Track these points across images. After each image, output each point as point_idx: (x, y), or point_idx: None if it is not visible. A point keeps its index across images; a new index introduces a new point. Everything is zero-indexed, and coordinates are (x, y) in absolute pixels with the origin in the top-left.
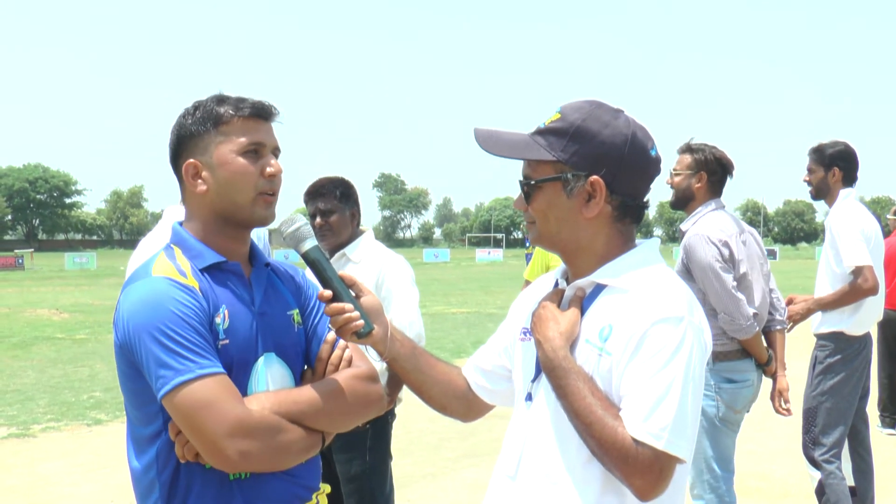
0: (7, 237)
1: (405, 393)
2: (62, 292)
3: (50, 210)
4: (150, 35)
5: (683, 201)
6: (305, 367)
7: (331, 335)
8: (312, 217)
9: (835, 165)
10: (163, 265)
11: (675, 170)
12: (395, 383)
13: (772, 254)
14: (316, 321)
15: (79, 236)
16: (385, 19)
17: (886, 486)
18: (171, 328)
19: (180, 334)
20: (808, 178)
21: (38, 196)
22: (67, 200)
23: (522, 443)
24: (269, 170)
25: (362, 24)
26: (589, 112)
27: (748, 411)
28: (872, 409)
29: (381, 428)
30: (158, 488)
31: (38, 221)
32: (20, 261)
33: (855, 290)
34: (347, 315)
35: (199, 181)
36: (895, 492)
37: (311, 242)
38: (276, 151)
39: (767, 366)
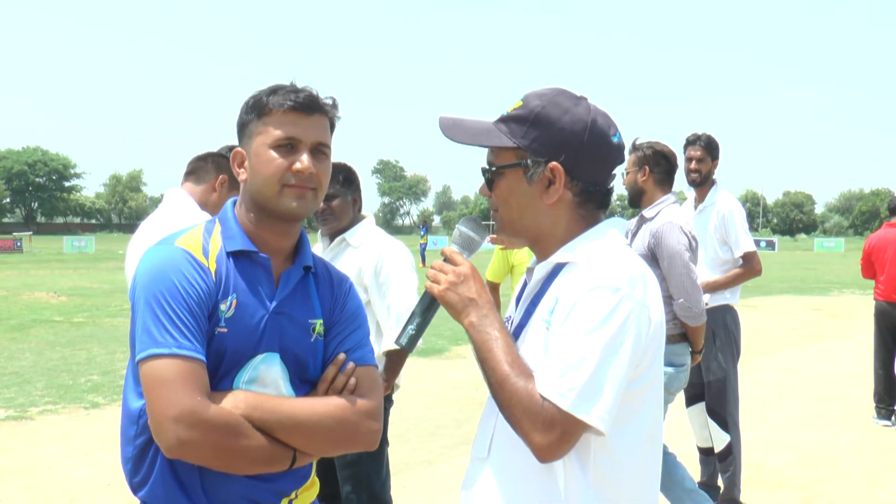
0: (6, 220)
1: (402, 380)
2: (60, 275)
3: (49, 193)
4: (149, 18)
5: (636, 197)
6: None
7: (340, 356)
8: None
9: (717, 157)
10: (190, 238)
11: (626, 170)
12: (392, 369)
13: (770, 245)
14: (337, 341)
15: (77, 220)
16: (384, 3)
17: (882, 476)
18: (166, 299)
19: (172, 308)
20: (697, 167)
21: (36, 179)
22: (66, 184)
23: (494, 423)
24: (297, 166)
25: (361, 8)
26: (550, 99)
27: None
28: (868, 401)
29: None
30: (132, 449)
31: (36, 204)
32: (19, 244)
33: (750, 272)
34: None
35: (242, 170)
36: (892, 482)
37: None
38: (319, 147)
39: (698, 353)
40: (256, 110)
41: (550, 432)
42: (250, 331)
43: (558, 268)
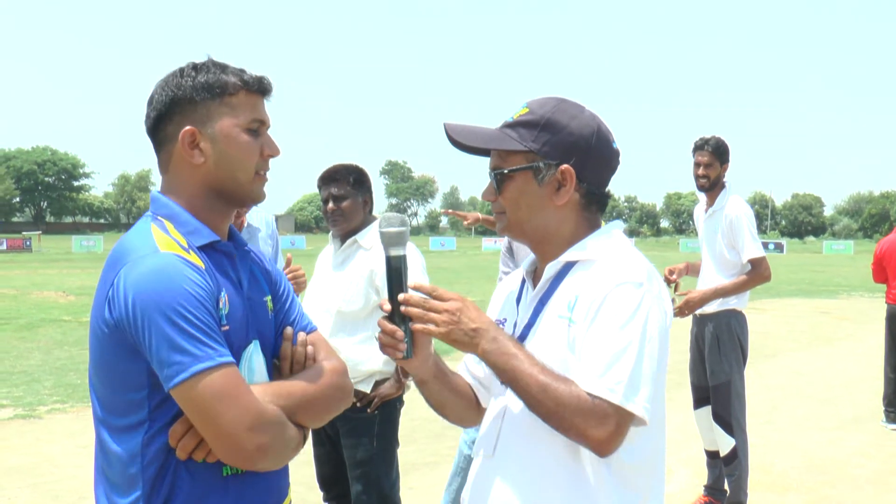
0: (15, 219)
1: (412, 380)
2: (69, 275)
3: (58, 193)
4: (160, 17)
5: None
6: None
7: (288, 330)
8: (325, 202)
9: (727, 161)
10: (166, 241)
11: None
12: (404, 370)
13: (779, 247)
14: (285, 309)
15: (86, 219)
16: (392, 4)
17: (890, 480)
18: (187, 309)
19: (197, 317)
20: (705, 172)
21: (46, 178)
22: (75, 183)
23: (500, 423)
24: (267, 151)
25: (368, 9)
26: (556, 105)
27: None
28: (877, 404)
29: (389, 414)
30: (142, 484)
31: (45, 204)
32: (28, 243)
33: (757, 279)
34: (393, 341)
35: (197, 151)
36: None
37: (401, 251)
38: (268, 129)
39: None
40: (217, 89)
41: (606, 426)
42: (241, 323)
43: (567, 267)
